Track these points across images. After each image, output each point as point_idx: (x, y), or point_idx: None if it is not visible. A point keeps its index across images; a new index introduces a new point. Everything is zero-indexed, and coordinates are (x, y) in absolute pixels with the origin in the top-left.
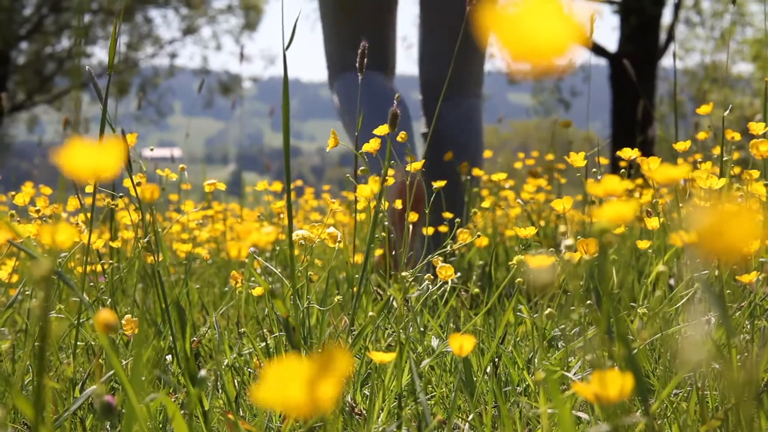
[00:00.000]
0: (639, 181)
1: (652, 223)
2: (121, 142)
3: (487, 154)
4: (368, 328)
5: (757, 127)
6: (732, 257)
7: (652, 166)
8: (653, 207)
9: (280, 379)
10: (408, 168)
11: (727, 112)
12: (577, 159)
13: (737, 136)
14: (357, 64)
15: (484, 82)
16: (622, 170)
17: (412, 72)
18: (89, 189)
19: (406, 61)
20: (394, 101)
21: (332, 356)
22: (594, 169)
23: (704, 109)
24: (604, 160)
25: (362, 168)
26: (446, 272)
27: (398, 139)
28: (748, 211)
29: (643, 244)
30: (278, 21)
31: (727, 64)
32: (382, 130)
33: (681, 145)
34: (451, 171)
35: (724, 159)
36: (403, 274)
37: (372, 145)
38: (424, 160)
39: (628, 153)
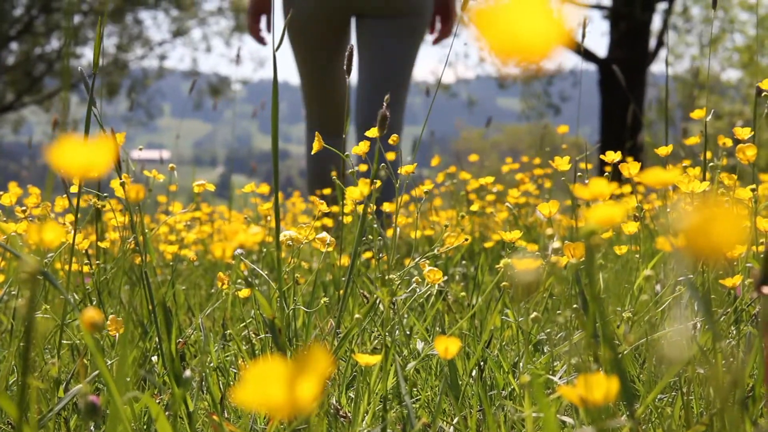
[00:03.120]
0: (627, 187)
1: (631, 227)
2: (110, 141)
3: (474, 157)
4: (354, 330)
5: (742, 132)
6: (717, 258)
7: (632, 170)
8: (639, 211)
9: (261, 380)
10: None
11: (709, 117)
12: (562, 163)
13: (728, 142)
14: (345, 68)
15: (473, 88)
16: (606, 174)
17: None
18: (77, 189)
19: None
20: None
21: (313, 357)
22: (579, 174)
23: (697, 114)
24: (590, 165)
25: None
26: (434, 276)
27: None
28: (732, 214)
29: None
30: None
31: (709, 72)
32: (373, 132)
33: (663, 150)
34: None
35: (712, 164)
36: (390, 276)
37: (361, 148)
38: (415, 164)
39: (611, 156)
